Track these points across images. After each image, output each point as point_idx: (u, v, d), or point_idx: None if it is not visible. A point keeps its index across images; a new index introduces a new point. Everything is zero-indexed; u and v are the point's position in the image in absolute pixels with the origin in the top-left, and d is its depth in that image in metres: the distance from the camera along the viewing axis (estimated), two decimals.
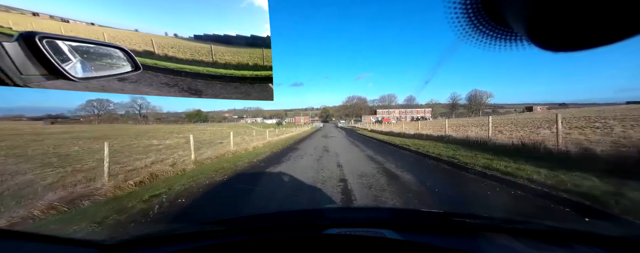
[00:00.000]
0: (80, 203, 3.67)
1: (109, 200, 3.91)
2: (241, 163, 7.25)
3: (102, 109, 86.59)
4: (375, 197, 3.76)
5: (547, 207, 3.13)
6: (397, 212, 1.40)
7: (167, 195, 4.08)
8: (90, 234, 2.76)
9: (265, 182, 5.01)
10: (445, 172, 5.58)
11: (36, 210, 3.25)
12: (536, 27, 0.39)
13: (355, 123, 76.02)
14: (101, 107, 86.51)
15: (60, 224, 3.00)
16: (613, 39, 0.35)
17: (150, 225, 2.94)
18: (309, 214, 1.32)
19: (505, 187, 4.02)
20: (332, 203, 3.53)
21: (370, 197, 3.73)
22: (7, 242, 0.76)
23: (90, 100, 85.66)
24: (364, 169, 5.87)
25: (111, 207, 3.57)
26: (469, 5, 0.46)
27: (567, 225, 1.00)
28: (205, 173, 5.77)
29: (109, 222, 3.02)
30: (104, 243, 0.85)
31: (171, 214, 3.29)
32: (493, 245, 0.85)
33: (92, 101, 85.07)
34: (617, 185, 3.31)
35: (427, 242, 0.87)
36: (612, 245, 0.80)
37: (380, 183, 4.54)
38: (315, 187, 4.40)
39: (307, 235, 0.99)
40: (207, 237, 0.92)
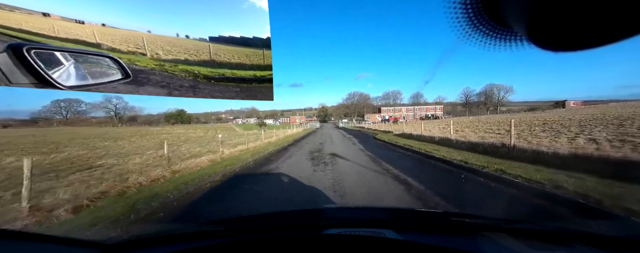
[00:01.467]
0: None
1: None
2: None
3: (70, 110, 73.27)
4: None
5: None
6: (397, 212, 1.40)
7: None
8: (91, 234, 2.70)
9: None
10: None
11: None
12: (536, 27, 0.39)
13: (357, 123, 64.52)
14: (70, 108, 73.18)
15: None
16: (613, 39, 0.35)
17: (151, 225, 2.90)
18: (309, 214, 1.31)
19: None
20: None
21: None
22: (7, 242, 0.76)
23: (57, 101, 72.09)
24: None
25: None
26: (470, 5, 0.46)
27: (567, 225, 1.01)
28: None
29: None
30: (104, 243, 0.86)
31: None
32: (493, 245, 0.85)
33: (59, 101, 72.04)
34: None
35: (427, 242, 0.87)
36: (611, 245, 0.80)
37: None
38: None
39: (306, 235, 0.98)
40: (207, 237, 0.93)
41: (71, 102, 72.80)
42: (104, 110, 77.28)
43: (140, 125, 72.67)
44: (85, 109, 76.08)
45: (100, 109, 76.79)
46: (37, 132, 39.11)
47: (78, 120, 71.29)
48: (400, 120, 49.19)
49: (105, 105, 76.64)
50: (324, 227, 0.99)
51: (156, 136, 27.94)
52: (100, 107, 76.96)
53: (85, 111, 76.42)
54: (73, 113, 74.15)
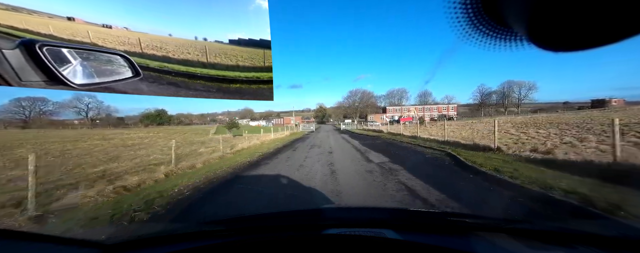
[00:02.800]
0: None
1: None
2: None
3: (33, 109, 60.21)
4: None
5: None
6: (397, 212, 1.40)
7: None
8: (91, 234, 2.77)
9: None
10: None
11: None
12: (536, 27, 0.39)
13: (361, 124, 52.28)
14: (33, 107, 60.15)
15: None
16: (613, 39, 0.35)
17: (151, 225, 2.90)
18: (309, 214, 1.31)
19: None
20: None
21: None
22: (7, 242, 0.76)
23: (18, 99, 59.07)
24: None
25: None
26: (470, 5, 0.46)
27: (567, 225, 1.01)
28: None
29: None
30: (104, 243, 0.87)
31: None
32: (493, 245, 0.85)
33: (20, 100, 59.11)
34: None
35: (427, 242, 0.86)
36: (611, 245, 0.80)
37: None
38: None
39: (306, 235, 0.98)
40: (207, 237, 0.93)
41: (34, 100, 60.43)
42: (74, 111, 65.84)
43: (117, 127, 60.33)
44: (52, 108, 63.52)
45: (69, 109, 65.43)
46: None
47: (42, 122, 56.79)
48: (412, 121, 41.45)
49: (75, 105, 64.33)
50: (324, 227, 0.99)
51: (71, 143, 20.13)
52: (69, 106, 65.54)
53: (52, 111, 63.71)
54: (37, 113, 61.72)
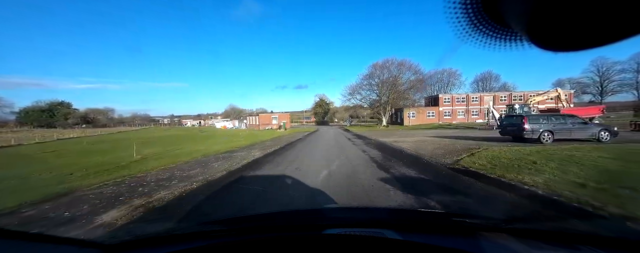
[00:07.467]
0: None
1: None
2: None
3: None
4: None
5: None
6: (397, 212, 1.40)
7: None
8: (91, 234, 2.67)
9: None
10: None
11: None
12: (536, 27, 0.39)
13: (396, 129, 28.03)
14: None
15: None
16: (613, 39, 0.36)
17: (151, 225, 2.90)
18: (309, 214, 1.32)
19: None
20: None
21: None
22: (7, 242, 0.76)
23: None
24: None
25: None
26: (469, 5, 0.46)
27: (568, 225, 1.02)
28: None
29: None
30: (104, 243, 0.86)
31: None
32: (493, 245, 0.85)
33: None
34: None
35: (427, 242, 0.87)
36: (611, 245, 0.81)
37: None
38: None
39: (307, 235, 0.99)
40: (207, 237, 0.93)
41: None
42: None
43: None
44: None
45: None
46: None
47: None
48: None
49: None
50: (324, 227, 0.99)
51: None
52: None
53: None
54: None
